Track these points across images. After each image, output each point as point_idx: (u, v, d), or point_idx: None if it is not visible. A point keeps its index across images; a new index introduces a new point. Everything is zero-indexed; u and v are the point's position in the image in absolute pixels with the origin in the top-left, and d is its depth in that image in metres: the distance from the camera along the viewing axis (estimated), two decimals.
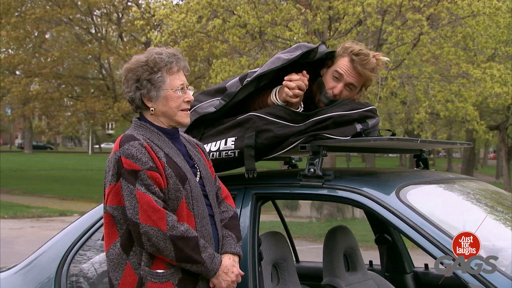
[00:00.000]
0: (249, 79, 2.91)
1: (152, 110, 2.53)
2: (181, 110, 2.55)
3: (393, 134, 2.99)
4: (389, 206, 2.58)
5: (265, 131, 2.76)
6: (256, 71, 3.06)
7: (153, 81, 2.50)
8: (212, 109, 2.96)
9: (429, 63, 14.32)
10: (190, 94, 2.57)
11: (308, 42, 12.57)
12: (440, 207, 2.90)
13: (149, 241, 2.33)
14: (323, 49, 2.96)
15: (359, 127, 2.81)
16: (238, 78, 3.03)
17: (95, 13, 24.23)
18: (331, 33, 13.12)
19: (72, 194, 22.72)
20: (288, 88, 2.76)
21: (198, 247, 2.37)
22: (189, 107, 2.59)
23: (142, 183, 2.36)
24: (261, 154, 2.81)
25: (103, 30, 25.04)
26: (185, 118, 2.58)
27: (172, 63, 2.53)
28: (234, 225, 2.61)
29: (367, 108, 2.88)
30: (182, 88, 2.54)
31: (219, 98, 2.98)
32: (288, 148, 2.77)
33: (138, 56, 2.56)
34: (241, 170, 2.93)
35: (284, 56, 2.88)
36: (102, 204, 2.53)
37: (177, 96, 2.53)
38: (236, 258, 2.52)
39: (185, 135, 2.73)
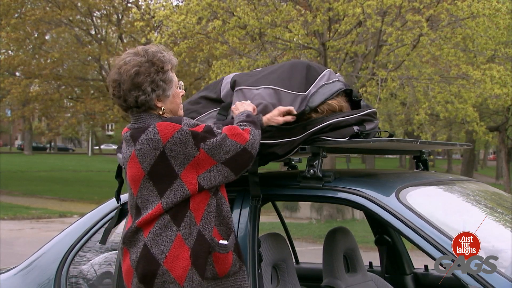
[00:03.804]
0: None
1: (163, 109, 2.54)
2: (180, 104, 2.64)
3: (391, 135, 2.99)
4: (388, 207, 2.58)
5: (269, 154, 2.78)
6: (252, 73, 3.05)
7: (167, 81, 2.52)
8: (211, 121, 2.93)
9: (429, 64, 14.36)
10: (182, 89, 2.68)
11: (307, 44, 12.57)
12: (440, 208, 2.90)
13: (255, 145, 2.54)
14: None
15: (356, 128, 2.82)
16: (229, 86, 2.99)
17: (95, 14, 24.20)
18: (331, 34, 13.13)
19: (72, 195, 22.72)
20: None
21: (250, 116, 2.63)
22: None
23: (215, 128, 2.51)
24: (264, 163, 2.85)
25: (103, 31, 25.03)
26: (182, 111, 2.67)
27: (172, 60, 2.56)
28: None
29: (364, 112, 2.88)
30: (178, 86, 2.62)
31: (217, 109, 2.96)
32: (289, 154, 2.79)
33: (132, 57, 2.50)
34: None
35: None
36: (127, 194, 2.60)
37: (179, 92, 2.61)
38: None
39: None
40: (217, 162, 2.46)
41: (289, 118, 2.76)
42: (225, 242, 2.49)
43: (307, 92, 2.86)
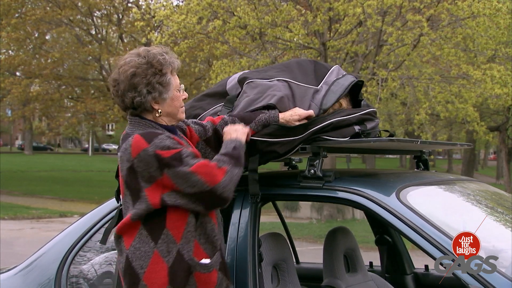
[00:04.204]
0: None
1: (159, 112, 2.51)
2: (181, 107, 2.58)
3: (391, 135, 2.99)
4: (389, 207, 2.58)
5: (269, 153, 2.77)
6: (260, 69, 3.06)
7: (164, 84, 2.49)
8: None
9: (429, 64, 14.34)
10: (184, 91, 2.61)
11: (308, 43, 12.55)
12: (440, 208, 2.90)
13: (230, 187, 2.40)
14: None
15: (357, 128, 2.82)
16: (237, 80, 3.01)
17: (95, 14, 24.21)
18: (331, 34, 13.13)
19: (72, 195, 22.72)
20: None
21: (230, 150, 2.51)
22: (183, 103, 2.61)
23: (188, 159, 2.38)
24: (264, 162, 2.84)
25: (104, 31, 25.03)
26: (183, 114, 2.61)
27: (174, 63, 2.53)
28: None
29: (365, 111, 2.88)
30: (180, 89, 2.58)
31: (221, 104, 2.96)
32: (290, 154, 2.79)
33: (132, 58, 2.50)
34: None
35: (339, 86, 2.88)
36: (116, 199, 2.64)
37: (179, 95, 2.56)
38: None
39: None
40: (182, 190, 2.40)
41: (304, 121, 2.76)
42: (206, 261, 2.44)
43: (319, 86, 2.87)
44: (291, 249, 3.43)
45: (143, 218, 2.43)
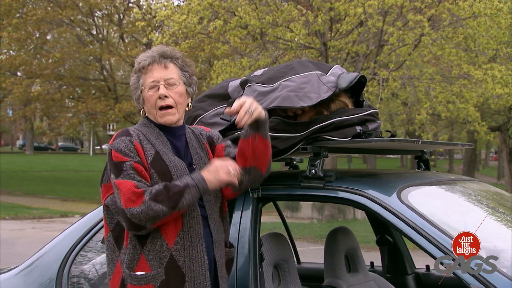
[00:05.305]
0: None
1: (142, 111, 2.54)
2: (159, 109, 2.47)
3: (393, 135, 2.99)
4: (390, 207, 2.58)
5: None
6: (257, 74, 3.06)
7: (132, 84, 2.54)
8: (217, 119, 2.94)
9: (430, 64, 14.32)
10: (162, 89, 2.44)
11: (309, 43, 12.52)
12: (442, 208, 2.90)
13: (140, 220, 2.30)
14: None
15: (358, 128, 2.82)
16: (239, 83, 3.00)
17: (96, 14, 24.21)
18: (332, 34, 13.12)
19: (73, 195, 22.72)
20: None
21: (175, 184, 2.35)
22: (165, 104, 2.45)
23: (125, 173, 2.35)
24: None
25: (104, 31, 25.02)
26: (163, 118, 2.47)
27: (142, 62, 2.48)
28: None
29: (367, 112, 2.89)
30: (153, 87, 2.46)
31: (224, 106, 2.95)
32: (290, 152, 2.79)
33: None
34: None
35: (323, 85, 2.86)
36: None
37: (149, 95, 2.47)
38: None
39: (197, 128, 2.68)
40: (115, 198, 2.41)
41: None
42: (140, 273, 2.38)
43: (327, 74, 2.88)
44: (292, 249, 3.43)
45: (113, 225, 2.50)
